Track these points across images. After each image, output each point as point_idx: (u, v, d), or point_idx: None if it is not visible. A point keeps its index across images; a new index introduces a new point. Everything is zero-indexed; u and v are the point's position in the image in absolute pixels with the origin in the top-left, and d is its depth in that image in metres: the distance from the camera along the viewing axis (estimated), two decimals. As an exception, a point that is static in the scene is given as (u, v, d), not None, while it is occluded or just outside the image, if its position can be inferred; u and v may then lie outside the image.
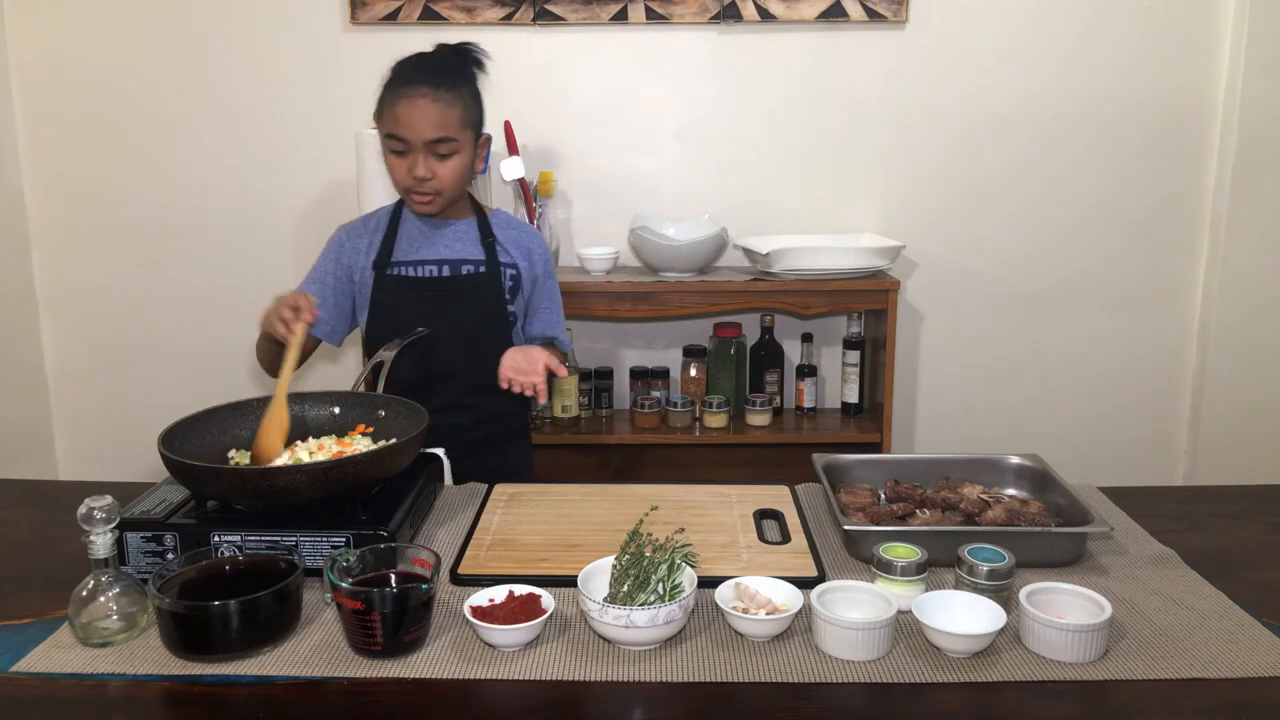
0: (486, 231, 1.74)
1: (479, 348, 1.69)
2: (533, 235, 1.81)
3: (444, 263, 1.71)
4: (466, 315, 1.70)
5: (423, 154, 1.61)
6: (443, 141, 1.61)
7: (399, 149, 1.62)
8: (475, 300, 1.71)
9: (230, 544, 1.17)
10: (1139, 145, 2.52)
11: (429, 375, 1.69)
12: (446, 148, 1.62)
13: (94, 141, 2.53)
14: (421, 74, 1.61)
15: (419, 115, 1.59)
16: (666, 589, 1.07)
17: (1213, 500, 1.50)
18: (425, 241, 1.72)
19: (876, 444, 2.42)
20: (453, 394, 1.70)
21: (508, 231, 1.77)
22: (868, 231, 2.55)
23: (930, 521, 1.28)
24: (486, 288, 1.71)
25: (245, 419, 1.39)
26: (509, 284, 1.74)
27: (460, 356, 1.70)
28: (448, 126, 1.61)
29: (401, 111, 1.60)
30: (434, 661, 1.02)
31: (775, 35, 2.47)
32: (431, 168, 1.62)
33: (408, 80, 1.61)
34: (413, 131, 1.59)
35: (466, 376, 1.70)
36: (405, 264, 1.71)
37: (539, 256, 1.78)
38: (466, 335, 1.70)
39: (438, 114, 1.60)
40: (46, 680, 1.00)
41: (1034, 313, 2.62)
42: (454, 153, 1.63)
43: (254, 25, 2.46)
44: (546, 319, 1.80)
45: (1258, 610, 1.12)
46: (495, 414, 1.75)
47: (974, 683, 0.98)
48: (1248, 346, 2.57)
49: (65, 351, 2.66)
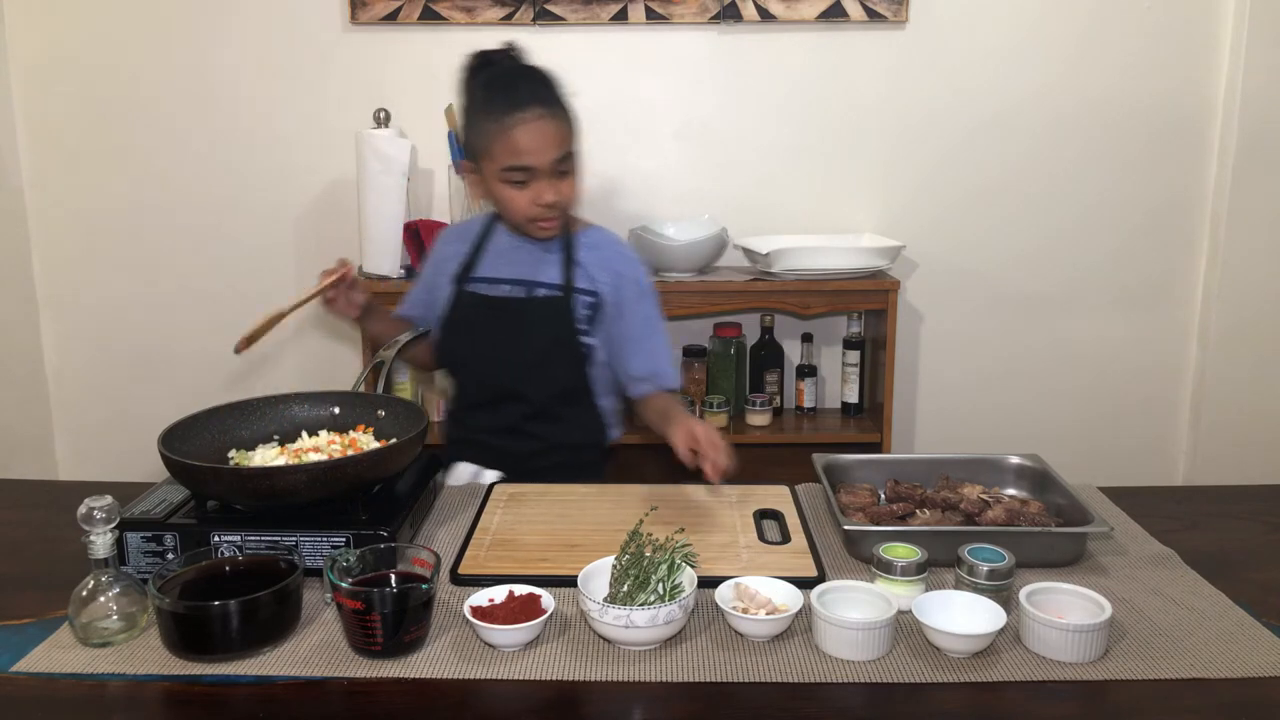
0: (570, 252, 1.62)
1: (545, 376, 1.61)
2: (624, 257, 1.65)
3: (520, 283, 1.61)
4: (535, 341, 1.60)
5: (549, 178, 1.51)
6: (566, 159, 1.51)
7: (520, 179, 1.51)
8: (545, 327, 1.60)
9: (230, 544, 1.17)
10: (1139, 145, 2.52)
11: (493, 396, 1.65)
12: (569, 164, 1.52)
13: (94, 141, 2.53)
14: (528, 90, 1.50)
15: (541, 138, 1.48)
16: (666, 589, 1.07)
17: (1213, 500, 1.50)
18: (509, 259, 1.64)
19: (876, 444, 2.42)
20: (514, 419, 1.64)
21: (596, 253, 1.63)
22: (868, 231, 2.55)
23: (930, 521, 1.28)
24: (558, 315, 1.60)
25: (245, 419, 1.39)
26: (585, 312, 1.61)
27: (526, 382, 1.62)
28: (568, 141, 1.51)
29: (521, 139, 1.47)
30: (434, 661, 1.02)
31: (775, 35, 2.47)
32: (558, 189, 1.52)
33: (516, 103, 1.48)
34: (538, 157, 1.48)
35: (530, 403, 1.62)
36: (484, 281, 1.64)
37: (629, 280, 1.63)
38: (533, 361, 1.61)
39: (556, 131, 1.49)
40: (46, 680, 1.00)
41: (1034, 313, 2.62)
42: (574, 168, 1.54)
43: (254, 25, 2.46)
44: (650, 355, 1.62)
45: (1258, 610, 1.12)
46: (559, 445, 1.65)
47: (974, 683, 0.98)
48: (1248, 346, 2.57)
49: (65, 352, 2.66)
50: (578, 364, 1.62)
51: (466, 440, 1.70)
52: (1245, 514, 1.42)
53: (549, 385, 1.62)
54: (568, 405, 1.64)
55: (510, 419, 1.64)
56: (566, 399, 1.64)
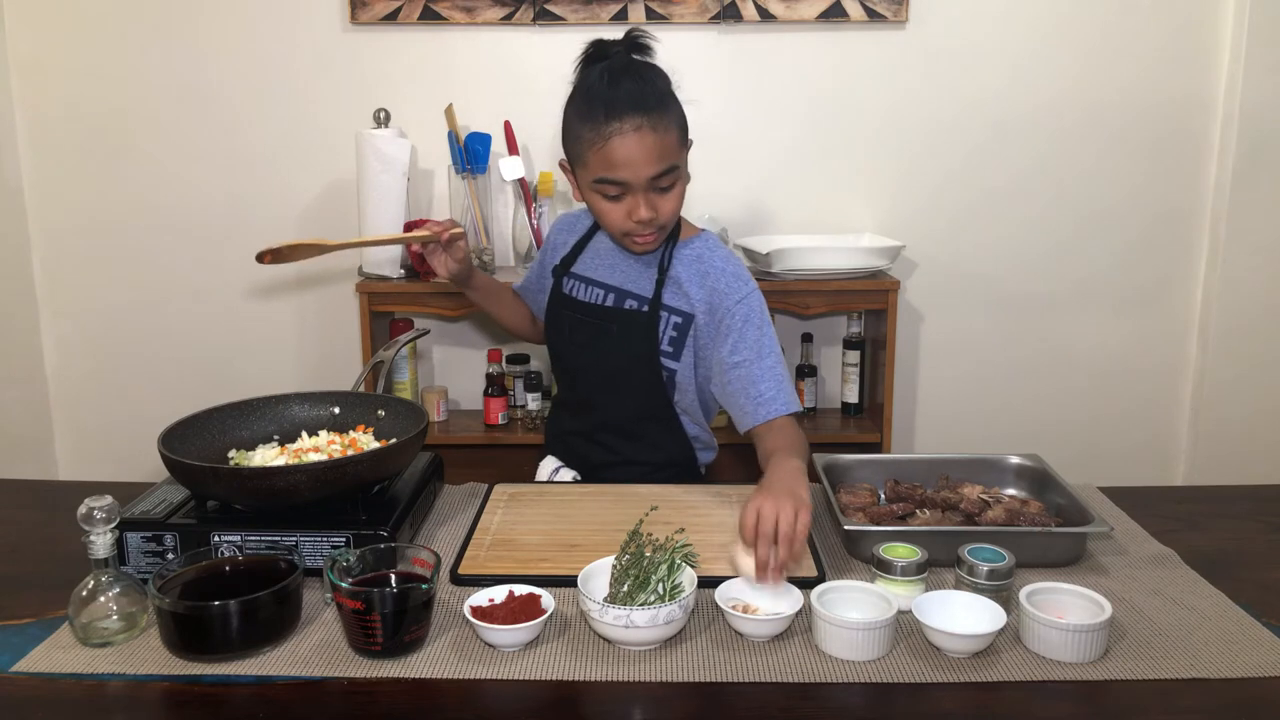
0: (665, 265, 1.49)
1: (622, 392, 1.53)
2: (725, 273, 1.47)
3: (612, 290, 1.52)
4: (614, 354, 1.51)
5: (644, 193, 1.38)
6: (667, 173, 1.37)
7: (615, 194, 1.39)
8: (627, 342, 1.50)
9: (230, 544, 1.17)
10: (1139, 146, 2.52)
11: (577, 399, 1.61)
12: (670, 178, 1.39)
13: (94, 141, 2.53)
14: (626, 97, 1.34)
15: (640, 152, 1.34)
16: (666, 589, 1.07)
17: (1213, 500, 1.50)
18: (607, 262, 1.55)
19: (876, 444, 2.42)
20: (587, 425, 1.60)
21: (695, 267, 1.49)
22: (868, 231, 2.55)
23: (930, 521, 1.28)
24: (641, 332, 1.48)
25: (245, 419, 1.39)
26: (671, 333, 1.48)
27: (602, 393, 1.56)
28: (670, 155, 1.37)
29: (617, 152, 1.34)
30: (434, 661, 1.02)
31: (775, 35, 2.47)
32: (654, 205, 1.39)
33: (614, 111, 1.34)
34: (635, 172, 1.35)
35: (602, 413, 1.57)
36: (580, 280, 1.57)
37: (729, 297, 1.45)
38: (610, 373, 1.53)
39: (658, 144, 1.35)
40: (46, 680, 1.00)
41: (1034, 313, 2.62)
42: (676, 181, 1.40)
43: (254, 25, 2.46)
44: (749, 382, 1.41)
45: (1258, 610, 1.12)
46: (637, 461, 1.56)
47: (974, 683, 0.98)
48: (1248, 346, 2.57)
49: (65, 352, 2.66)
50: (657, 385, 1.51)
51: (557, 435, 1.68)
52: (1245, 514, 1.42)
53: (626, 401, 1.54)
54: (647, 423, 1.55)
55: (589, 426, 1.60)
56: (645, 417, 1.55)
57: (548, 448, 1.69)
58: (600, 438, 1.59)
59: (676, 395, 1.53)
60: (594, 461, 1.60)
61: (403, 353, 2.45)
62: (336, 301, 2.59)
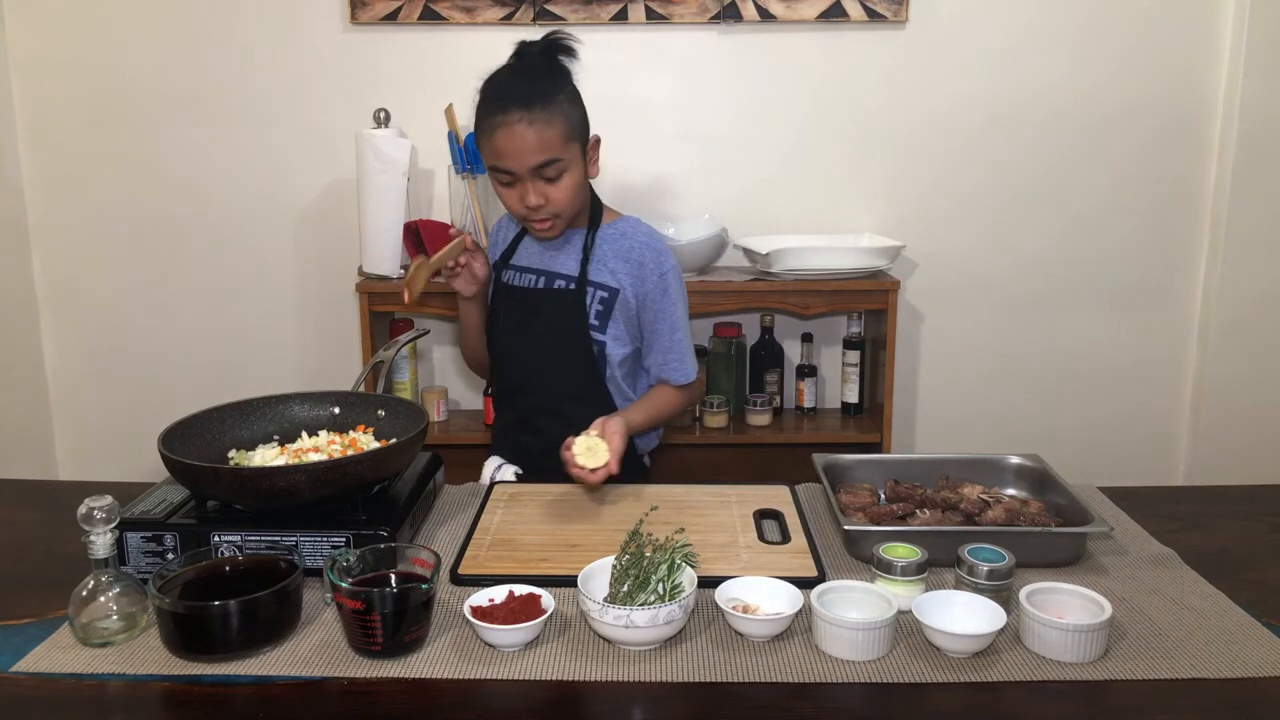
0: (589, 244, 1.61)
1: (554, 370, 1.61)
2: (650, 248, 1.61)
3: (542, 274, 1.63)
4: (546, 334, 1.61)
5: (530, 181, 1.50)
6: (549, 165, 1.49)
7: (505, 180, 1.52)
8: (556, 320, 1.60)
9: (230, 544, 1.17)
10: (1139, 145, 2.52)
11: (510, 389, 1.66)
12: (554, 170, 1.50)
13: (94, 141, 2.53)
14: (511, 93, 1.48)
15: (518, 143, 1.47)
16: (666, 589, 1.07)
17: (1213, 500, 1.50)
18: (538, 249, 1.65)
19: (876, 444, 2.42)
20: (523, 411, 1.64)
21: (620, 243, 1.61)
22: (868, 231, 2.55)
23: (930, 521, 1.28)
24: (569, 308, 1.59)
25: (245, 419, 1.39)
26: (597, 307, 1.59)
27: (535, 375, 1.63)
28: (550, 148, 1.48)
29: (500, 142, 1.47)
30: (434, 661, 1.02)
31: (775, 35, 2.47)
32: (542, 192, 1.51)
33: (499, 105, 1.48)
34: (516, 161, 1.48)
35: (538, 397, 1.63)
36: (516, 269, 1.66)
37: (651, 271, 1.60)
38: (543, 355, 1.61)
39: (536, 138, 1.47)
40: (46, 680, 1.00)
41: (1034, 312, 2.62)
42: (563, 172, 1.51)
43: (254, 25, 2.46)
44: (659, 352, 1.63)
45: (1258, 610, 1.12)
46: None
47: (974, 683, 0.98)
48: (1248, 346, 2.57)
49: (65, 351, 2.66)
50: (589, 361, 1.60)
51: (498, 431, 1.72)
52: (1245, 514, 1.42)
53: (559, 381, 1.61)
54: (580, 404, 1.59)
55: (522, 413, 1.64)
56: (578, 397, 1.61)
57: (492, 447, 1.73)
58: (536, 423, 1.64)
59: (607, 371, 1.62)
60: (534, 451, 1.63)
61: (403, 353, 2.45)
62: (336, 301, 2.59)
